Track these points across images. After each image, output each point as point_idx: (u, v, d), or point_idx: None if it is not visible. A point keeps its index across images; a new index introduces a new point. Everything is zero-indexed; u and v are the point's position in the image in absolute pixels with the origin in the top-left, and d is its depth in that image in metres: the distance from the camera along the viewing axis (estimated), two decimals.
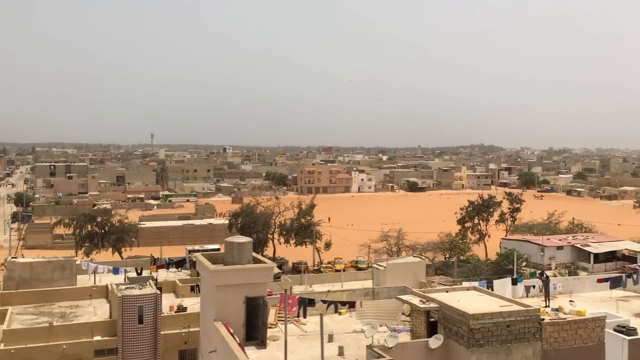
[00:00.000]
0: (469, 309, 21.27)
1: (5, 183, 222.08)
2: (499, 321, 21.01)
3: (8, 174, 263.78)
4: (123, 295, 30.88)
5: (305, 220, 76.73)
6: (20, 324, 34.08)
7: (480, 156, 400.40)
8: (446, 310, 22.09)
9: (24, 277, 42.13)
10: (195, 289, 38.67)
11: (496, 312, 21.25)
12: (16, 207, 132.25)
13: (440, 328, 22.24)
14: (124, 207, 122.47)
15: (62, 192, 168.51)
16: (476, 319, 20.68)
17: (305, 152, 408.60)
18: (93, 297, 39.12)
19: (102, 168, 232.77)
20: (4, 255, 76.02)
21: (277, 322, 27.41)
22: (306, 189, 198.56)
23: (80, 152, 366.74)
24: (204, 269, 24.18)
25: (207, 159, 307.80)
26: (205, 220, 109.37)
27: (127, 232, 75.29)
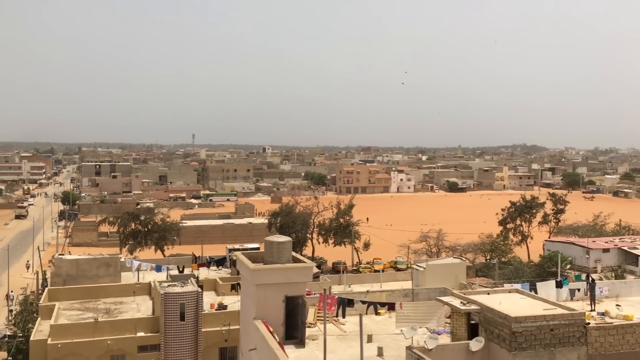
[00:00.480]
0: (512, 311, 20.89)
1: (53, 182, 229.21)
2: (542, 324, 20.55)
3: (55, 174, 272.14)
4: (165, 293, 31.46)
5: (344, 220, 76.68)
6: (67, 319, 35.05)
7: (523, 156, 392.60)
8: (487, 312, 21.74)
9: (70, 274, 43.36)
10: (235, 287, 39.09)
11: (539, 316, 20.80)
12: (63, 206, 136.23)
13: (482, 330, 21.90)
14: (166, 206, 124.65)
15: (107, 191, 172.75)
16: (519, 322, 20.29)
17: (344, 152, 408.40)
18: (136, 294, 39.94)
19: (145, 168, 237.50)
20: (52, 252, 78.53)
21: (316, 322, 27.49)
22: (345, 189, 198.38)
23: (124, 152, 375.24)
24: (244, 267, 24.41)
25: (246, 158, 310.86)
26: (244, 220, 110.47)
27: (169, 230, 76.65)
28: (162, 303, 31.33)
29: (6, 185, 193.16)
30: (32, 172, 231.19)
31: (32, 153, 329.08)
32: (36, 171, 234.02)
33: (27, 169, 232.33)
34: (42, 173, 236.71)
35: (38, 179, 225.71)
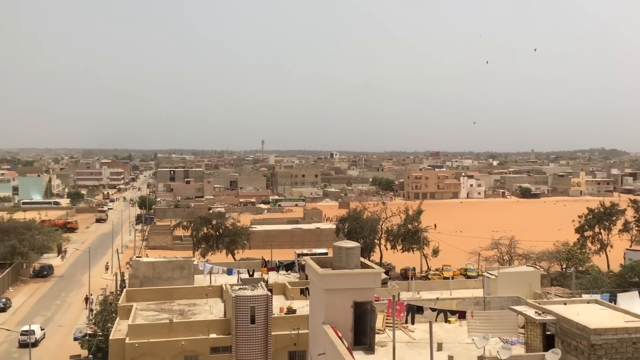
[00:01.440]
0: (590, 323, 19.98)
1: (130, 187, 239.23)
2: (624, 337, 19.54)
3: (133, 179, 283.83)
4: (237, 296, 32.15)
5: (413, 226, 75.86)
6: (143, 320, 36.40)
7: (601, 161, 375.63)
8: (564, 323, 20.91)
9: (147, 276, 45.03)
10: (304, 291, 39.43)
11: (621, 328, 19.78)
12: (140, 210, 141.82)
13: (558, 342, 21.08)
14: (237, 211, 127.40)
15: (181, 196, 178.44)
16: (598, 334, 19.38)
17: (412, 157, 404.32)
18: (209, 296, 41.01)
19: (216, 173, 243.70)
20: (130, 254, 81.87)
21: (385, 328, 27.30)
22: (413, 194, 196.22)
23: (197, 158, 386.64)
24: (313, 272, 24.60)
25: (314, 164, 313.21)
26: (313, 225, 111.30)
27: (239, 234, 78.28)
28: (234, 306, 32.04)
29: (88, 190, 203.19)
30: (112, 178, 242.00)
31: (112, 159, 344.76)
32: (115, 177, 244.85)
33: (107, 175, 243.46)
34: (120, 179, 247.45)
35: (117, 184, 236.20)
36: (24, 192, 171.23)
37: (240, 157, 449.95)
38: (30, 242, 73.77)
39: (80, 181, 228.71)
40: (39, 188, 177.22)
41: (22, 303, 62.18)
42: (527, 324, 22.73)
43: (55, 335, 51.09)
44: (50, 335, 51.10)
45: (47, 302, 62.77)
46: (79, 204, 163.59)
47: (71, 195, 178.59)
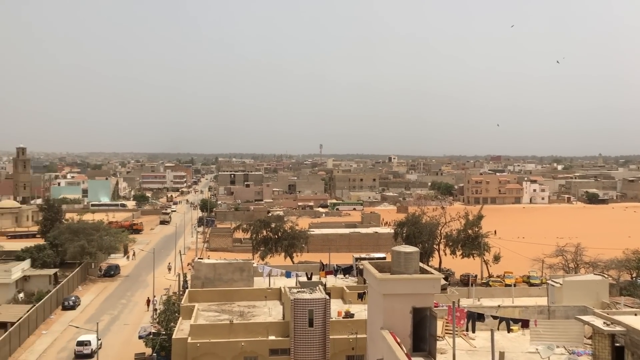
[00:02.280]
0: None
1: (193, 190, 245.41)
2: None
3: (195, 182, 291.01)
4: (295, 299, 32.44)
5: (473, 232, 74.39)
6: (205, 320, 37.25)
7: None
8: (635, 335, 20.03)
9: (208, 277, 46.07)
10: (362, 296, 39.33)
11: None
12: (202, 213, 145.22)
13: (628, 354, 20.21)
14: (295, 214, 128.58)
15: (241, 199, 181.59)
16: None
17: (472, 161, 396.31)
18: (268, 299, 41.54)
19: (275, 177, 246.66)
20: (192, 256, 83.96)
21: (445, 335, 26.91)
22: (473, 199, 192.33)
23: (257, 162, 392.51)
24: (371, 277, 24.53)
25: (372, 168, 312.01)
26: (371, 229, 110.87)
27: (298, 238, 78.87)
28: (292, 308, 32.34)
29: (152, 193, 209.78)
30: (175, 181, 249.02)
31: (175, 163, 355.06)
32: (178, 180, 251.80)
33: (170, 178, 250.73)
34: (183, 182, 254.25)
35: (180, 188, 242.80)
36: (92, 195, 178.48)
37: (299, 161, 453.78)
38: (99, 242, 76.73)
39: (145, 184, 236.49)
40: (107, 191, 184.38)
41: (90, 301, 64.79)
42: (594, 334, 21.92)
43: (121, 333, 52.97)
44: (117, 333, 53.03)
45: (114, 301, 65.16)
46: (144, 206, 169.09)
47: (137, 197, 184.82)
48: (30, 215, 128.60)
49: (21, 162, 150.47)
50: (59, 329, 53.89)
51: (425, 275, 23.63)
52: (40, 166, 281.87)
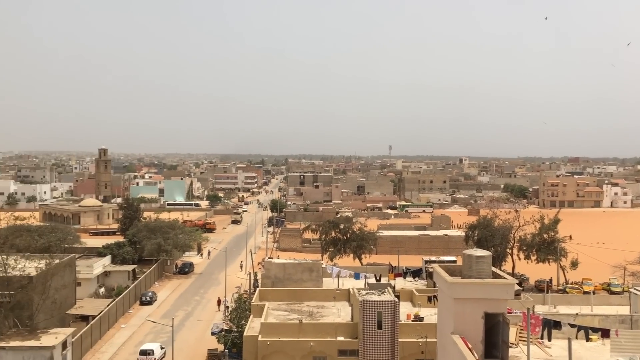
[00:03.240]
0: None
1: (263, 191, 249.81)
2: None
3: (265, 183, 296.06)
4: (364, 300, 32.41)
5: (549, 236, 71.72)
6: (275, 319, 37.87)
7: None
8: None
9: (278, 276, 46.75)
10: (432, 299, 38.81)
11: None
12: (271, 213, 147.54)
13: None
14: (364, 216, 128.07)
15: (310, 200, 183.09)
16: None
17: (548, 163, 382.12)
18: (336, 299, 41.72)
19: (344, 178, 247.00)
20: (262, 255, 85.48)
21: (519, 342, 26.12)
22: (549, 202, 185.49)
23: (326, 163, 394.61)
24: (441, 280, 24.16)
25: (442, 170, 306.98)
26: (440, 231, 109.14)
27: (366, 239, 78.63)
28: (361, 310, 32.34)
29: (224, 193, 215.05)
30: (246, 182, 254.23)
31: (246, 164, 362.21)
32: (249, 180, 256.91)
33: (241, 179, 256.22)
34: (254, 182, 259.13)
35: (251, 188, 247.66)
36: (168, 194, 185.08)
37: (368, 162, 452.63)
38: (174, 240, 79.41)
39: (218, 184, 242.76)
40: (182, 190, 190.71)
41: (166, 297, 67.17)
42: None
43: (195, 329, 54.61)
44: (190, 329, 54.73)
45: (188, 298, 67.28)
46: (217, 206, 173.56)
47: (210, 197, 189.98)
48: (110, 213, 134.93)
49: (103, 162, 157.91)
50: (136, 323, 56.20)
51: (498, 280, 23.04)
52: (120, 167, 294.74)
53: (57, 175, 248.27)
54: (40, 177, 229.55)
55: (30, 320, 44.33)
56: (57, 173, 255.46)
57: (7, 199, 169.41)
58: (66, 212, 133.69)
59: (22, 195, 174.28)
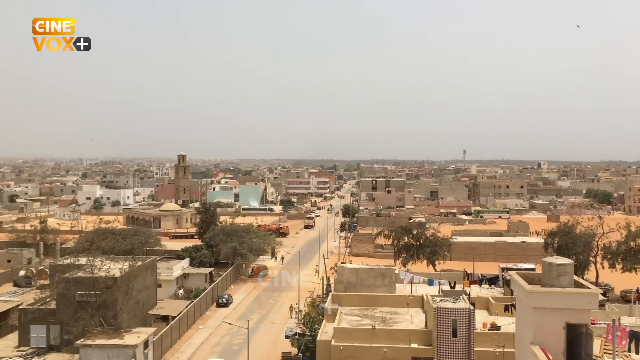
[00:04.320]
0: None
1: (335, 196, 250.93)
2: None
3: (338, 188, 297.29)
4: (438, 307, 31.91)
5: (636, 244, 67.93)
6: (347, 324, 37.92)
7: None
8: None
9: (351, 281, 46.78)
10: (509, 308, 37.73)
11: None
12: (344, 218, 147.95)
13: None
14: (437, 221, 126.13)
15: (382, 205, 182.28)
16: None
17: (635, 167, 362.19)
18: (410, 306, 41.28)
19: (417, 183, 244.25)
20: (335, 260, 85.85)
21: (603, 355, 24.97)
22: (636, 208, 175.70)
23: (398, 168, 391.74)
24: (519, 288, 23.46)
25: (519, 174, 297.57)
26: (518, 238, 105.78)
27: (440, 245, 77.38)
28: (435, 317, 31.86)
29: (297, 198, 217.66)
30: (319, 187, 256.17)
31: (319, 169, 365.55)
32: (322, 186, 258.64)
33: (314, 184, 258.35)
34: (326, 187, 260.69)
35: (323, 193, 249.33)
36: (243, 199, 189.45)
37: (441, 167, 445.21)
38: (249, 244, 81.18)
39: (291, 189, 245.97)
40: (256, 195, 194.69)
41: (241, 300, 68.70)
42: None
43: (269, 332, 55.55)
44: (265, 332, 55.71)
45: (262, 301, 68.51)
46: (290, 210, 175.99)
47: (283, 202, 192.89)
48: (189, 217, 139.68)
49: (182, 168, 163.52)
50: (213, 325, 57.79)
51: (581, 290, 22.13)
52: (198, 172, 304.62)
53: (139, 180, 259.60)
54: (123, 182, 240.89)
55: (115, 320, 46.55)
56: (139, 179, 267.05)
57: (93, 203, 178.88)
58: (147, 216, 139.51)
59: (107, 200, 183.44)
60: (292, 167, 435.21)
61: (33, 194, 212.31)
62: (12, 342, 50.35)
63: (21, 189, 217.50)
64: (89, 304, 46.39)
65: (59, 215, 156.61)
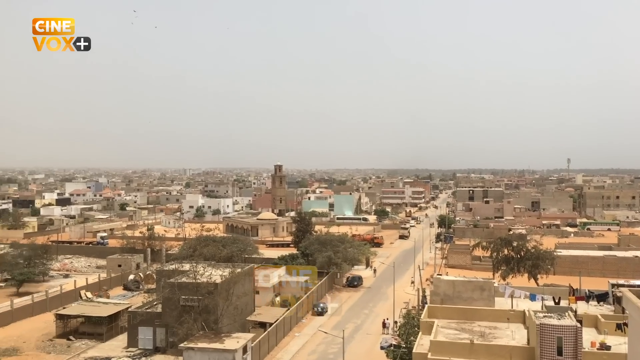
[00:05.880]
0: None
1: (430, 206, 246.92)
2: None
3: (433, 198, 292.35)
4: (541, 324, 30.53)
5: None
6: (444, 337, 37.05)
7: None
8: None
9: (447, 294, 45.73)
10: (621, 327, 35.34)
11: None
12: (439, 229, 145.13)
13: None
14: (539, 233, 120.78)
15: (480, 216, 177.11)
16: None
17: None
18: (510, 321, 39.71)
19: (517, 193, 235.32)
20: (430, 271, 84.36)
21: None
22: None
23: (496, 178, 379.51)
24: (632, 306, 21.91)
25: (631, 184, 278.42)
26: (630, 253, 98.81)
27: (542, 258, 74.12)
28: (538, 334, 30.50)
29: (392, 208, 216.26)
30: (413, 197, 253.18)
31: (413, 179, 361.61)
32: (416, 195, 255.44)
33: (409, 194, 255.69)
34: (421, 197, 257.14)
35: (418, 203, 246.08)
36: (338, 208, 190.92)
37: (543, 176, 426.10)
38: (343, 254, 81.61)
39: (385, 199, 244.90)
40: (351, 205, 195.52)
41: (336, 309, 69.09)
42: None
43: (364, 343, 55.42)
44: (360, 342, 55.63)
45: (357, 311, 68.53)
46: (384, 220, 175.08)
47: (377, 212, 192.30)
48: (285, 226, 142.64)
49: (278, 178, 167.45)
50: (309, 333, 58.50)
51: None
52: (293, 182, 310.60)
53: (238, 190, 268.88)
54: (223, 191, 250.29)
55: (216, 324, 48.38)
56: (238, 188, 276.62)
57: (196, 212, 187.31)
58: (246, 225, 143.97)
59: (208, 209, 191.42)
60: (386, 176, 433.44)
61: (141, 202, 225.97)
62: (121, 343, 53.66)
63: (131, 197, 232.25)
64: (192, 308, 48.54)
65: (164, 223, 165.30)
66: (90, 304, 61.94)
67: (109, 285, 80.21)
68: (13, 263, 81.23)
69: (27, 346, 53.75)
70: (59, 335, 56.65)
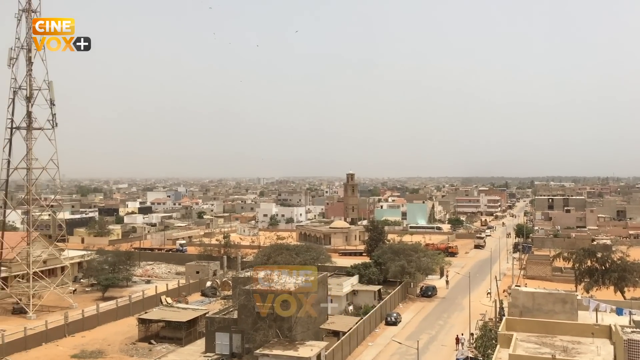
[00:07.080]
0: None
1: (507, 215, 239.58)
2: None
3: (509, 207, 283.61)
4: (629, 339, 29.02)
5: None
6: (523, 351, 35.78)
7: None
8: None
9: (526, 306, 44.19)
10: None
11: None
12: (517, 238, 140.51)
13: None
14: (625, 244, 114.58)
15: (560, 225, 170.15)
16: None
17: None
18: (595, 336, 37.87)
19: (600, 202, 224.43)
20: (507, 282, 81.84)
21: None
22: None
23: (578, 186, 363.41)
24: None
25: None
26: None
27: (630, 270, 70.30)
28: (626, 350, 28.97)
29: (466, 216, 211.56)
30: (489, 205, 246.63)
31: (489, 187, 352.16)
32: (492, 204, 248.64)
33: (484, 202, 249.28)
34: (497, 206, 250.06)
35: (494, 212, 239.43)
36: (411, 217, 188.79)
37: (629, 184, 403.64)
38: (417, 263, 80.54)
39: (459, 208, 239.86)
40: (424, 213, 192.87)
41: (410, 319, 68.24)
42: None
43: (439, 354, 54.40)
44: (435, 353, 54.65)
45: (432, 321, 67.39)
46: (459, 229, 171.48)
47: (451, 221, 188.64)
48: (357, 234, 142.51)
49: (350, 186, 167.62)
50: (382, 342, 58.06)
51: None
52: (365, 190, 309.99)
53: (310, 198, 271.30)
54: (296, 200, 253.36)
55: (290, 332, 48.91)
56: (310, 197, 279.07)
57: (270, 220, 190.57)
58: (319, 233, 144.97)
59: (281, 217, 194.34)
60: (460, 185, 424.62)
61: (218, 210, 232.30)
62: (199, 348, 55.28)
63: (207, 206, 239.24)
64: (268, 315, 49.32)
65: (240, 231, 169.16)
66: (170, 309, 64.25)
67: (187, 291, 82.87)
68: (99, 269, 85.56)
69: (111, 349, 56.36)
70: (141, 339, 59.13)
